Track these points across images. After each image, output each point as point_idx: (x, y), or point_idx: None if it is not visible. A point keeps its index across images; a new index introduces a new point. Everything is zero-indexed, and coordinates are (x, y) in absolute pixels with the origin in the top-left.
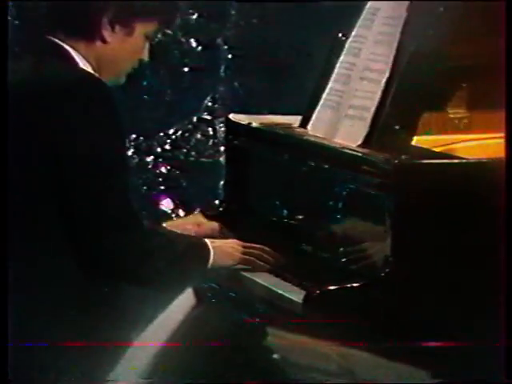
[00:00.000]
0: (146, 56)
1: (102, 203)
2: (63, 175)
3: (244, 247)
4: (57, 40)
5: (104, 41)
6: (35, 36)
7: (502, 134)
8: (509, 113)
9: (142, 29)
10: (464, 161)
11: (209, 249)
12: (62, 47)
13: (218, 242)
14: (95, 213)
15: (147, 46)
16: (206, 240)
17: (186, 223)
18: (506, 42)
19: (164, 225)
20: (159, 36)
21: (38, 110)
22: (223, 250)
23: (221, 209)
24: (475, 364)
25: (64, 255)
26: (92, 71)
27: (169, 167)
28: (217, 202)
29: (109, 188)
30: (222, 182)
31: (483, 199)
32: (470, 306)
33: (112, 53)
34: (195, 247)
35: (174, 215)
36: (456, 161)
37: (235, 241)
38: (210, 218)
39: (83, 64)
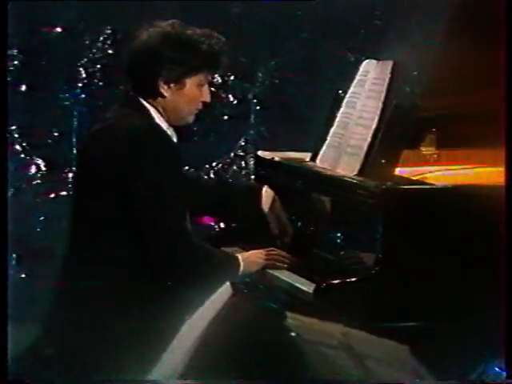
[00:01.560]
0: (207, 98)
1: (164, 223)
2: (136, 200)
3: (266, 254)
4: (136, 95)
5: (163, 96)
6: (123, 92)
7: (466, 166)
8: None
9: (191, 82)
10: (434, 187)
11: (239, 263)
12: (140, 102)
13: (247, 254)
14: (158, 230)
15: (206, 89)
16: (238, 254)
17: None
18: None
19: None
20: None
21: (117, 147)
22: (251, 260)
23: None
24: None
25: (132, 262)
26: (161, 120)
27: None
28: None
29: (169, 211)
30: None
31: (448, 217)
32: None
33: (172, 104)
34: (228, 260)
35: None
36: (427, 187)
37: (260, 251)
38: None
39: (155, 114)
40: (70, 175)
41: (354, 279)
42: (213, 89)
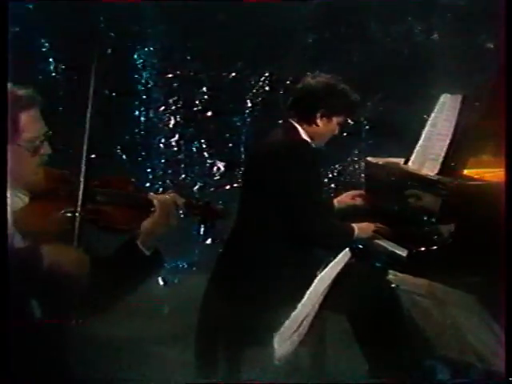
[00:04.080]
0: (337, 132)
1: (309, 211)
2: (289, 198)
3: (373, 226)
4: (293, 121)
5: (317, 124)
6: (281, 118)
7: None
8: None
9: (336, 119)
10: (489, 182)
11: (354, 229)
12: (295, 126)
13: (359, 225)
14: (306, 209)
15: (338, 127)
16: (353, 224)
17: None
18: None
19: None
20: None
21: (278, 155)
22: (362, 228)
23: None
24: None
25: (282, 231)
26: (309, 140)
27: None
28: None
29: (311, 203)
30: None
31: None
32: None
33: (319, 131)
34: (348, 227)
35: None
36: (484, 182)
37: (368, 223)
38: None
39: (305, 136)
40: (240, 173)
41: (434, 247)
42: None
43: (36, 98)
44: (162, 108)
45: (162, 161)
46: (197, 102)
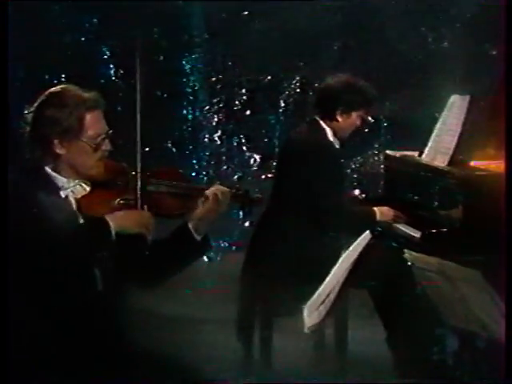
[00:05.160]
0: (358, 125)
1: (330, 199)
2: (312, 187)
3: (393, 211)
4: (318, 118)
5: (337, 120)
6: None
7: None
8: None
9: (356, 114)
10: (493, 172)
11: (376, 212)
12: (319, 123)
13: (381, 208)
14: (330, 198)
15: (361, 119)
16: (375, 208)
17: None
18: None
19: None
20: None
21: (304, 149)
22: (383, 213)
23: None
24: None
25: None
26: (331, 135)
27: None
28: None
29: (334, 193)
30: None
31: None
32: None
33: (341, 126)
34: (370, 211)
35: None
36: (489, 173)
37: (387, 208)
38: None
39: (329, 132)
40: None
41: (445, 229)
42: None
43: (100, 100)
44: (207, 107)
45: (207, 153)
46: (236, 103)
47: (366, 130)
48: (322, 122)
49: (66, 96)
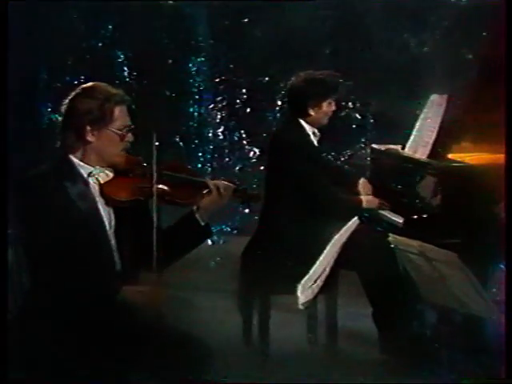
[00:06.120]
0: (332, 113)
1: (314, 187)
2: (300, 178)
3: (378, 200)
4: (294, 117)
5: (310, 114)
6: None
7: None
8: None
9: (325, 104)
10: (468, 164)
11: (361, 200)
12: (296, 120)
13: (367, 197)
14: (318, 190)
15: (332, 107)
16: (361, 196)
17: None
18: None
19: None
20: None
21: (284, 148)
22: (369, 200)
23: None
24: None
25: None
26: (308, 127)
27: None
28: None
29: (317, 181)
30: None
31: (473, 181)
32: None
33: (315, 118)
34: (356, 200)
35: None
36: (464, 164)
37: (373, 197)
38: None
39: (307, 126)
40: None
41: (425, 215)
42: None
43: (125, 97)
44: (211, 106)
45: (211, 147)
46: (238, 101)
47: (354, 126)
48: (299, 119)
49: (97, 90)
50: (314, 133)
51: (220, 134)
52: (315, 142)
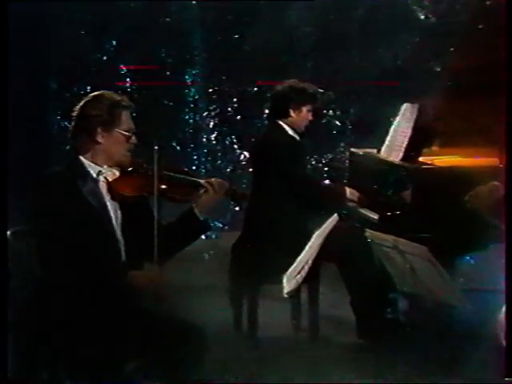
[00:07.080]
0: (311, 119)
1: (296, 178)
2: (285, 173)
3: (358, 194)
4: (276, 120)
5: (291, 116)
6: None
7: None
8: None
9: (305, 109)
10: (437, 166)
11: (345, 190)
12: (278, 123)
13: (349, 189)
14: (304, 181)
15: (311, 113)
16: (346, 188)
17: None
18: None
19: None
20: None
21: (269, 149)
22: (351, 191)
23: None
24: None
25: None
26: (289, 129)
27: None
28: None
29: (300, 174)
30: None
31: (443, 183)
32: None
33: (295, 120)
34: (341, 189)
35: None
36: (434, 166)
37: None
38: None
39: (287, 128)
40: None
41: (398, 212)
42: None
43: (130, 103)
44: (205, 113)
45: (205, 151)
46: (229, 109)
47: (334, 132)
48: (280, 122)
49: (105, 97)
50: (293, 136)
51: (213, 139)
52: (297, 138)
